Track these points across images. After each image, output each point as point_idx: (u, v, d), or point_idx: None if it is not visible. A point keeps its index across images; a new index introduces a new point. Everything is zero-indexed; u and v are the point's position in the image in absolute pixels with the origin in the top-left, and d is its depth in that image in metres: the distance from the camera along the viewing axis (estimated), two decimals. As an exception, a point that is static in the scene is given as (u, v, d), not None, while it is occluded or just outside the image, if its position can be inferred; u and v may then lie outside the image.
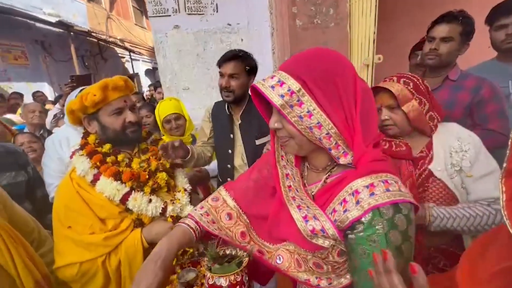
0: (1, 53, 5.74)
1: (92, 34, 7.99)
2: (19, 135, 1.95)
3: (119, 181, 1.02)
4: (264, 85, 0.61)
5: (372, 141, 0.63)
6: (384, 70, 2.42)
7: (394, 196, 0.57)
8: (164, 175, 1.14)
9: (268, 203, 0.76)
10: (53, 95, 6.50)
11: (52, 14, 6.44)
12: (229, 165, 1.52)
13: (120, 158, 1.11)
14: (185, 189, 1.21)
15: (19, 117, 3.13)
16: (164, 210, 1.08)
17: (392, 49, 2.29)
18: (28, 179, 1.41)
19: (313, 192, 0.71)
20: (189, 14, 2.10)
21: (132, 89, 1.14)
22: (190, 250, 1.10)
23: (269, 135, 1.59)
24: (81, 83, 2.39)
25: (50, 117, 2.78)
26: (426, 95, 1.00)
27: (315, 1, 1.86)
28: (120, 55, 10.74)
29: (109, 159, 1.08)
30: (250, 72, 1.45)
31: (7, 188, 1.08)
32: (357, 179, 0.60)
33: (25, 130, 2.60)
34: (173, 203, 1.12)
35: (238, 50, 1.43)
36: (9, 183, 1.20)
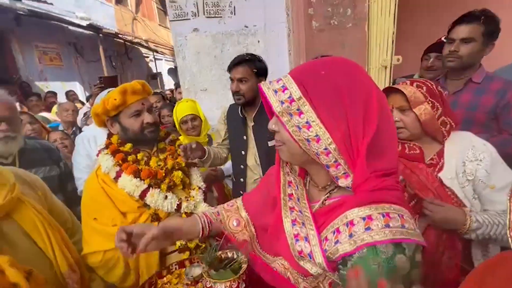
0: (39, 55, 6.22)
1: (119, 35, 8.40)
2: (53, 133, 2.13)
3: (138, 178, 1.10)
4: (269, 88, 0.57)
5: (384, 170, 0.54)
6: (404, 72, 2.35)
7: (394, 234, 0.49)
8: (179, 173, 1.21)
9: (271, 213, 0.72)
10: (83, 93, 6.94)
11: (83, 17, 6.85)
12: (242, 166, 1.57)
13: (139, 156, 1.19)
14: (199, 187, 1.27)
15: (52, 115, 3.40)
16: (179, 206, 1.15)
17: (413, 50, 2.21)
18: (60, 174, 1.55)
19: (314, 209, 0.64)
20: (207, 17, 2.17)
21: (150, 92, 1.22)
22: (203, 245, 1.17)
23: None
24: (108, 84, 2.56)
25: (81, 115, 3.00)
26: (440, 99, 0.98)
27: (332, 2, 1.85)
28: (145, 54, 11.19)
29: (130, 158, 1.17)
30: (259, 74, 1.48)
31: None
32: (354, 208, 0.54)
33: (60, 128, 2.82)
34: (188, 200, 1.18)
35: (245, 54, 1.47)
36: (44, 177, 1.33)
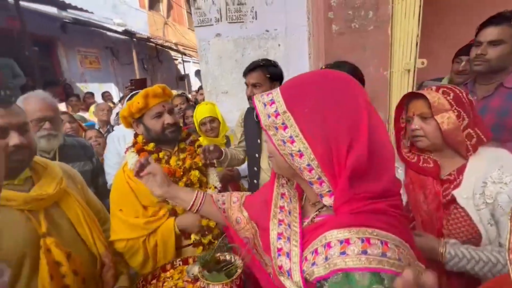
0: (80, 59, 6.80)
1: (151, 39, 8.88)
2: (89, 131, 2.35)
3: (158, 176, 1.19)
4: (260, 101, 0.57)
5: (371, 192, 0.52)
6: (432, 75, 2.24)
7: (370, 263, 0.45)
8: (196, 172, 1.29)
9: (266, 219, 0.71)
10: (118, 94, 7.45)
11: (120, 24, 7.36)
12: (256, 168, 1.62)
13: (161, 155, 1.29)
14: (215, 187, 1.34)
15: (90, 115, 3.71)
16: (194, 203, 1.23)
17: (444, 52, 2.10)
18: (93, 169, 1.71)
19: (304, 224, 0.62)
20: (230, 22, 2.25)
21: (170, 95, 1.31)
22: (216, 242, 1.23)
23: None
24: (138, 86, 2.75)
25: (114, 115, 3.25)
26: (468, 109, 0.87)
27: (353, 5, 1.83)
28: (174, 57, 11.70)
29: (153, 156, 1.27)
30: (274, 79, 1.51)
31: (77, 175, 1.35)
32: (333, 229, 0.51)
33: (96, 127, 3.08)
34: (203, 198, 1.26)
35: (260, 60, 1.51)
36: (79, 171, 1.48)
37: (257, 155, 1.61)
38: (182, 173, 1.26)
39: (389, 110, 1.96)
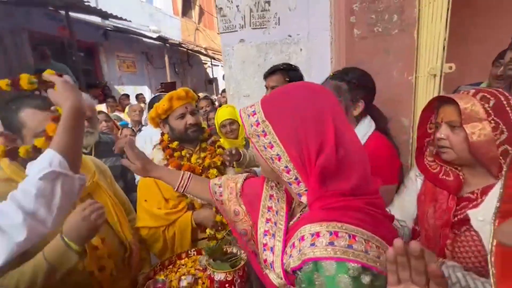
0: (119, 63, 7.37)
1: (182, 44, 9.34)
2: (124, 129, 2.57)
3: (179, 172, 1.30)
4: (245, 112, 0.64)
5: (342, 190, 0.56)
6: (464, 80, 2.12)
7: (335, 253, 0.49)
8: (214, 171, 1.37)
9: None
10: (150, 96, 7.93)
11: (155, 30, 7.86)
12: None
13: (183, 153, 1.40)
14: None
15: (124, 115, 4.02)
16: (210, 200, 1.31)
17: (482, 55, 1.99)
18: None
19: (291, 222, 0.68)
20: (253, 28, 2.33)
21: (194, 97, 1.41)
22: (230, 237, 1.30)
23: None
24: (168, 89, 2.96)
25: (145, 115, 3.50)
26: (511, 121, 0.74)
27: (376, 9, 1.81)
28: (204, 61, 12.15)
29: (176, 154, 1.38)
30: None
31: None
32: (307, 224, 0.56)
33: (129, 126, 3.35)
34: (219, 195, 1.34)
35: (281, 64, 1.56)
36: (111, 166, 1.63)
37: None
38: (201, 170, 1.35)
39: (413, 116, 1.89)
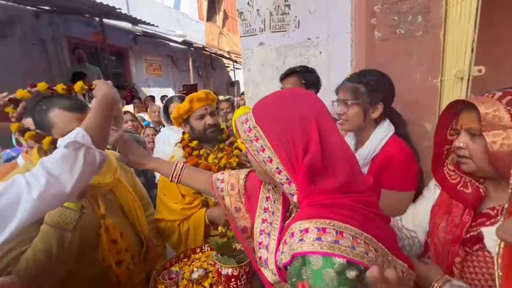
0: (146, 66, 7.74)
1: (206, 48, 9.60)
2: (147, 129, 2.71)
3: (195, 170, 1.35)
4: (239, 121, 0.68)
5: (332, 189, 0.58)
6: (496, 84, 1.98)
7: (321, 247, 0.51)
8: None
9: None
10: (174, 98, 8.23)
11: (181, 35, 8.17)
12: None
13: (202, 152, 1.45)
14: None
15: (148, 116, 4.21)
16: (223, 198, 1.35)
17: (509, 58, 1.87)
18: (145, 161, 1.98)
19: (286, 222, 0.70)
20: (273, 32, 2.36)
21: (213, 99, 1.46)
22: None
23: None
24: (189, 91, 3.07)
25: (162, 116, 3.65)
26: None
27: (399, 10, 1.76)
28: (226, 64, 12.40)
29: (194, 152, 1.44)
30: (309, 86, 1.55)
31: (131, 166, 1.58)
32: (297, 221, 0.58)
33: (151, 126, 3.51)
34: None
35: (297, 66, 1.56)
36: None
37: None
38: (217, 170, 1.39)
39: (437, 121, 1.80)
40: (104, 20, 5.18)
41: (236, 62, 12.35)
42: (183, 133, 1.52)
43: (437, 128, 0.85)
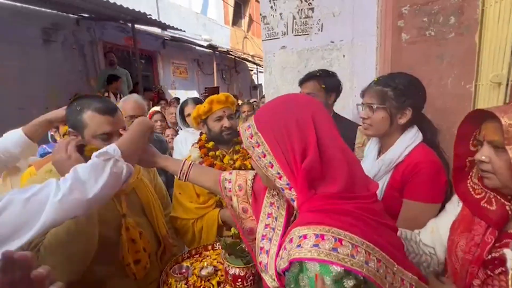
0: (173, 69, 8.05)
1: (230, 52, 9.78)
2: (167, 130, 2.80)
3: (211, 170, 1.37)
4: (242, 128, 0.70)
5: (332, 194, 0.57)
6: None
7: (318, 254, 0.50)
8: (244, 173, 1.41)
9: None
10: (198, 100, 8.47)
11: (207, 39, 8.41)
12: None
13: (218, 153, 1.47)
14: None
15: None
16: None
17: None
18: (166, 160, 2.04)
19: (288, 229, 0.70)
20: (295, 35, 2.35)
21: (233, 102, 1.48)
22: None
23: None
24: (211, 93, 3.13)
25: (178, 118, 3.74)
26: None
27: (429, 12, 1.67)
28: (250, 68, 12.53)
29: (211, 153, 1.47)
30: (329, 90, 1.51)
31: (153, 165, 1.64)
32: (297, 227, 0.58)
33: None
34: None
35: (317, 70, 1.53)
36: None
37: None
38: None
39: (471, 129, 1.67)
40: (136, 26, 5.48)
41: (260, 65, 12.43)
42: (201, 133, 1.55)
43: (456, 140, 0.79)
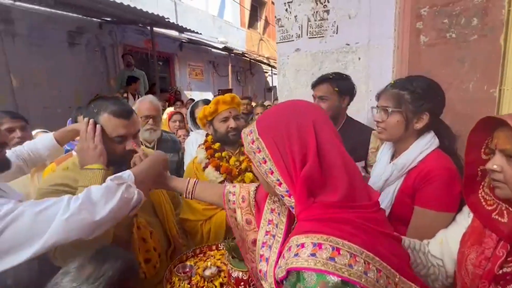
0: (189, 71, 8.20)
1: (246, 54, 9.85)
2: (179, 130, 2.85)
3: (218, 172, 1.37)
4: (244, 133, 0.70)
5: (332, 202, 0.56)
6: None
7: (315, 264, 0.49)
8: (250, 175, 1.40)
9: None
10: (213, 102, 8.57)
11: (222, 42, 8.51)
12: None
13: (224, 154, 1.48)
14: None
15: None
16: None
17: None
18: (178, 160, 2.08)
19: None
20: (310, 38, 2.32)
21: (239, 103, 1.48)
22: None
23: (363, 160, 1.54)
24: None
25: (189, 120, 3.80)
26: None
27: (450, 13, 1.60)
28: (264, 70, 12.55)
29: (217, 154, 1.47)
30: (342, 93, 1.47)
31: (166, 164, 1.67)
32: (295, 235, 0.57)
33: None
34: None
35: (331, 73, 1.50)
36: (168, 161, 1.83)
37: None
38: (237, 172, 1.40)
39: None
40: (154, 29, 5.64)
41: (275, 67, 12.42)
42: (207, 135, 1.56)
43: (467, 147, 0.76)
